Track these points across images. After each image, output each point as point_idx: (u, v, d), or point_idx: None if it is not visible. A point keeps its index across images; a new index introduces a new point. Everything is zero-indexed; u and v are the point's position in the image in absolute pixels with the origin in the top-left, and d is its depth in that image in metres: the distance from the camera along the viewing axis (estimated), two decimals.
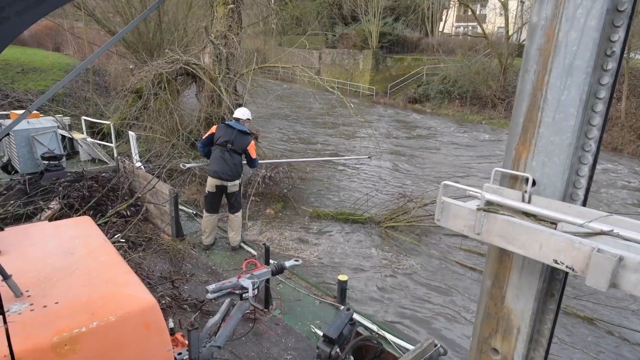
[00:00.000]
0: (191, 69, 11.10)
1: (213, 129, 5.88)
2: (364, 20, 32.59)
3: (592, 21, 1.33)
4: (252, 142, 5.92)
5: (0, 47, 1.67)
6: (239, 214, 6.05)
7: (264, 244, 4.39)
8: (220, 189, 5.87)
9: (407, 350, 3.85)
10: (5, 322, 1.74)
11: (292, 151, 15.56)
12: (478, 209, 1.44)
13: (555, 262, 1.26)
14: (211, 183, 5.85)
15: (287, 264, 3.53)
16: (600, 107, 1.43)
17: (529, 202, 1.50)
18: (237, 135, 5.75)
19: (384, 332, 4.18)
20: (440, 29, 39.01)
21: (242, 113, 6.02)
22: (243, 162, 5.96)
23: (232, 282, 3.01)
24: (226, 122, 5.93)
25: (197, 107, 12.24)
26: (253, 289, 3.02)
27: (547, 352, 1.74)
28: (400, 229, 9.23)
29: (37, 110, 9.03)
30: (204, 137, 5.95)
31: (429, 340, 2.82)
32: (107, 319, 1.81)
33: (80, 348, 1.75)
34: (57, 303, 1.88)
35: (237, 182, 5.90)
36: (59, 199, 6.05)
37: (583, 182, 1.51)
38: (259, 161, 6.66)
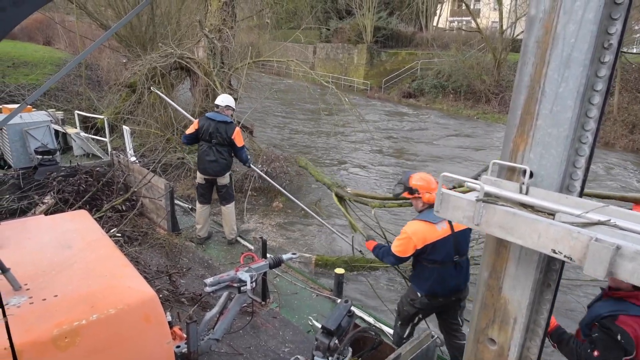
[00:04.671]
0: (185, 63, 11.01)
1: (195, 123, 5.67)
2: (359, 15, 32.51)
3: (590, 14, 1.34)
4: (237, 129, 5.65)
5: None
6: (231, 205, 6.04)
7: (261, 238, 4.40)
8: (210, 181, 5.86)
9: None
10: (4, 315, 1.74)
11: (288, 146, 15.54)
12: (477, 200, 1.45)
13: (554, 251, 1.28)
14: (200, 176, 5.86)
15: (284, 257, 3.55)
16: (597, 99, 1.45)
17: (527, 193, 1.51)
18: (218, 127, 5.53)
19: (381, 324, 4.22)
20: (435, 24, 39.01)
21: (221, 100, 5.74)
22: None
23: (230, 275, 3.02)
24: (206, 115, 5.71)
25: (192, 101, 12.17)
26: (251, 282, 3.03)
27: (543, 341, 1.77)
28: None
29: (29, 105, 8.92)
30: (187, 132, 5.70)
31: (426, 331, 2.85)
32: (107, 312, 1.82)
33: (81, 341, 1.75)
34: (56, 296, 1.88)
35: (227, 174, 5.83)
36: (54, 193, 6.01)
37: (580, 173, 1.52)
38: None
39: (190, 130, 5.68)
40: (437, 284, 3.48)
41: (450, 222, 3.46)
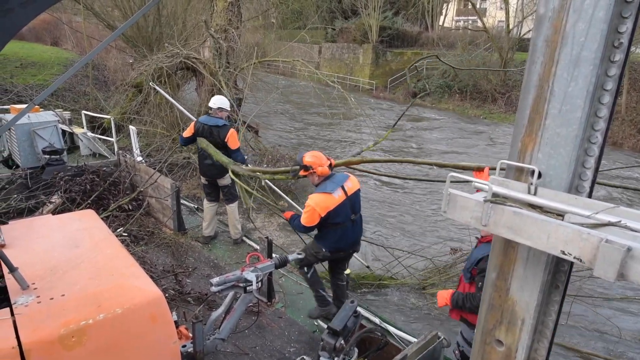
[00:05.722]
0: (191, 63, 11.05)
1: (191, 127, 5.69)
2: (364, 14, 32.45)
3: (600, 12, 1.33)
4: (231, 132, 5.58)
5: (5, 39, 1.66)
6: (234, 205, 6.04)
7: (267, 238, 4.40)
8: (212, 182, 5.88)
9: (410, 342, 3.87)
10: (12, 314, 1.76)
11: (294, 146, 15.54)
12: (485, 201, 1.44)
13: (563, 253, 1.26)
14: (203, 177, 5.90)
15: (290, 257, 3.55)
16: (607, 98, 1.43)
17: (535, 194, 1.50)
18: (211, 131, 5.52)
19: (386, 324, 4.20)
20: (441, 23, 38.84)
21: (213, 102, 5.71)
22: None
23: (236, 275, 3.02)
24: (199, 119, 5.73)
25: (198, 101, 12.21)
26: (257, 282, 3.03)
27: (551, 343, 1.76)
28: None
29: (37, 105, 9.00)
30: (184, 135, 5.76)
31: (433, 332, 2.84)
32: (114, 311, 1.82)
33: (87, 340, 1.76)
34: (63, 295, 1.89)
35: (227, 175, 5.78)
36: (61, 193, 6.05)
37: (589, 174, 1.51)
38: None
39: (186, 133, 5.72)
40: (340, 241, 4.04)
41: (344, 188, 3.91)
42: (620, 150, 17.97)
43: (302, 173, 4.00)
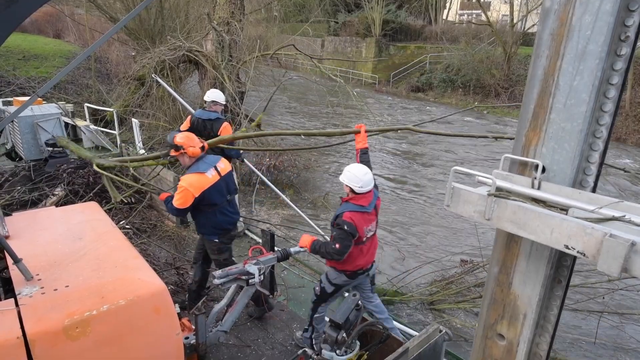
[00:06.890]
0: (194, 56, 11.01)
1: (187, 121, 5.69)
2: (367, 8, 32.23)
3: (607, 5, 1.31)
4: (225, 125, 5.56)
5: (9, 30, 1.66)
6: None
7: (269, 231, 4.40)
8: None
9: (412, 336, 3.89)
10: (17, 304, 1.77)
11: (296, 141, 15.50)
12: (489, 195, 1.44)
13: (567, 247, 1.26)
14: None
15: (292, 250, 3.56)
16: (612, 93, 1.42)
17: (539, 188, 1.49)
18: (205, 125, 5.51)
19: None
20: (444, 17, 38.56)
21: (207, 95, 5.71)
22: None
23: (239, 268, 3.04)
24: (194, 112, 5.73)
25: (200, 94, 12.19)
26: (259, 275, 3.04)
27: (552, 338, 1.76)
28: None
29: (40, 97, 8.99)
30: (181, 129, 5.63)
31: (434, 326, 2.85)
32: (118, 303, 1.84)
33: (91, 331, 1.77)
34: (67, 286, 1.90)
35: None
36: (64, 185, 6.07)
37: (593, 168, 1.50)
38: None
39: (184, 127, 5.71)
40: (223, 222, 4.01)
41: (217, 169, 3.91)
42: (624, 146, 17.89)
43: (172, 153, 3.95)
